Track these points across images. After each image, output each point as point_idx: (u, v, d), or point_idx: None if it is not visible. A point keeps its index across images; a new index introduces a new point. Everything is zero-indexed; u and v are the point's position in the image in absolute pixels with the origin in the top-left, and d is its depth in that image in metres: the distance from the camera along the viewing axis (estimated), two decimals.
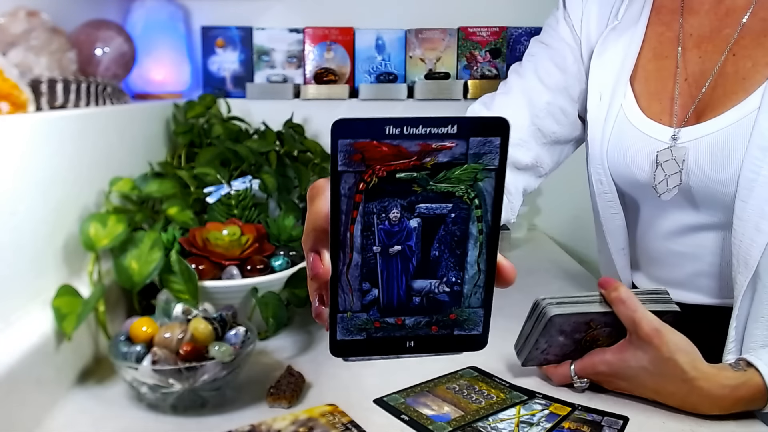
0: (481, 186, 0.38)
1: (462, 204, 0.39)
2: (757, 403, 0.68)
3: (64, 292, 0.77)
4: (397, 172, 0.38)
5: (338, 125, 0.36)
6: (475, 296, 0.41)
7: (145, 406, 0.74)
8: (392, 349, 0.41)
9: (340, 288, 0.40)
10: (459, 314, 0.41)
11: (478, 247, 0.40)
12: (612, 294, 0.72)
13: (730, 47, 0.79)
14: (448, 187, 0.38)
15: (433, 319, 0.41)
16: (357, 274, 0.40)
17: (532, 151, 0.92)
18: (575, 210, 1.41)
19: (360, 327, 0.41)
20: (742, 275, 0.75)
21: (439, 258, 0.40)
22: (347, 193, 0.38)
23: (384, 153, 0.37)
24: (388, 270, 0.40)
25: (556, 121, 0.93)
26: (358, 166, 0.37)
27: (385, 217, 0.39)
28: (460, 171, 0.38)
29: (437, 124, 0.37)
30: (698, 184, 0.79)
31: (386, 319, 0.41)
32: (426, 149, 0.37)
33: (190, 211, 0.99)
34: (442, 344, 0.42)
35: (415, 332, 0.41)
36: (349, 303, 0.40)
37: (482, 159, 0.38)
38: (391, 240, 0.39)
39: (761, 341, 0.76)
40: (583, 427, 0.69)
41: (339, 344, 0.41)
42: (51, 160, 0.79)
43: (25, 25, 0.86)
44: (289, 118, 1.45)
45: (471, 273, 0.40)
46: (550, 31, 0.96)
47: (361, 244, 0.39)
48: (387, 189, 0.38)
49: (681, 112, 0.82)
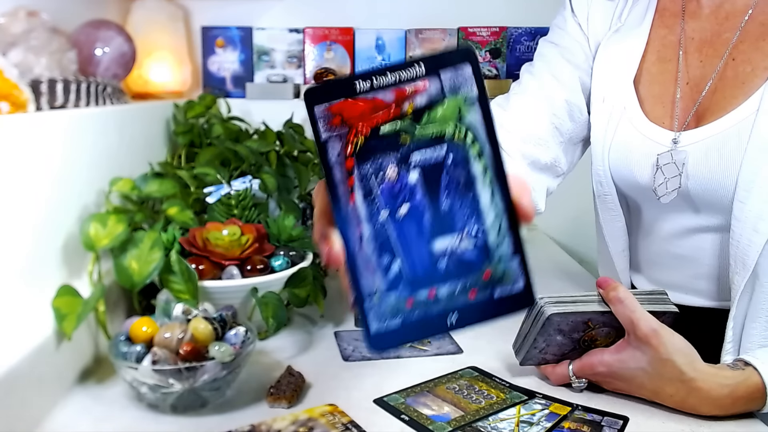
0: (468, 120, 0.37)
1: (456, 144, 0.37)
2: (756, 403, 0.68)
3: (64, 292, 0.77)
4: (380, 126, 0.37)
5: (310, 93, 0.36)
6: (504, 245, 0.38)
7: (145, 406, 0.74)
8: (434, 328, 0.38)
9: (360, 269, 0.37)
10: (494, 269, 0.38)
11: (488, 187, 0.37)
12: (610, 294, 0.72)
13: (729, 51, 0.80)
14: (436, 129, 0.37)
15: (467, 283, 0.38)
16: (373, 246, 0.37)
17: (551, 150, 0.91)
18: (575, 210, 1.41)
19: (392, 310, 0.37)
20: (739, 276, 0.76)
21: (451, 209, 0.37)
22: (337, 159, 0.37)
23: (362, 108, 0.36)
24: (403, 234, 0.37)
25: (573, 119, 0.92)
26: (340, 129, 0.36)
27: (383, 177, 0.37)
28: (442, 109, 0.37)
29: (404, 66, 0.36)
30: (698, 187, 0.79)
31: (418, 294, 0.37)
32: (402, 95, 0.37)
33: (190, 211, 0.99)
34: (486, 311, 0.38)
35: (453, 304, 0.37)
36: (373, 284, 0.37)
37: (459, 91, 0.37)
38: (396, 200, 0.37)
39: (759, 342, 0.76)
40: (583, 427, 0.69)
41: (376, 336, 0.37)
42: (51, 160, 0.79)
43: (25, 25, 0.86)
44: (289, 118, 1.45)
45: (491, 218, 0.38)
46: (558, 31, 0.95)
47: (367, 213, 0.37)
48: (376, 146, 0.37)
49: (682, 115, 0.82)
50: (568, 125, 0.92)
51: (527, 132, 0.90)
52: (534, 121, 0.91)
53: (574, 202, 1.28)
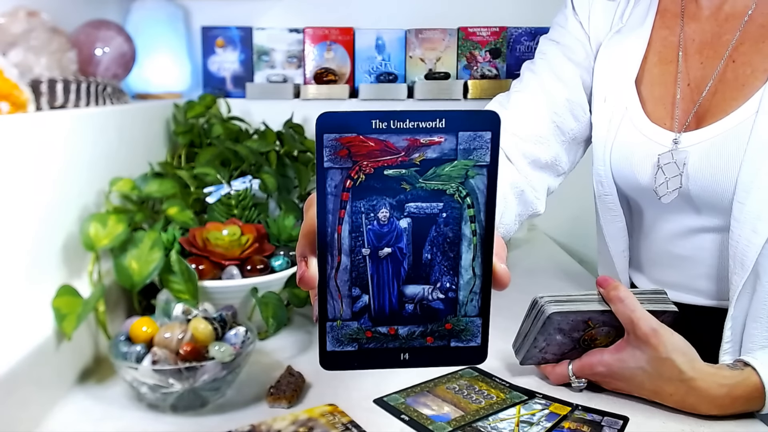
0: (472, 183, 0.37)
1: (453, 203, 0.37)
2: (755, 403, 0.68)
3: (64, 292, 0.77)
4: (384, 169, 0.36)
5: (323, 119, 0.35)
6: (471, 304, 0.39)
7: (145, 406, 0.74)
8: (385, 361, 0.39)
9: (329, 294, 0.38)
10: (455, 323, 0.39)
11: (472, 249, 0.38)
12: (611, 293, 0.72)
13: (729, 53, 0.80)
14: (438, 185, 0.37)
15: (428, 329, 0.39)
16: (346, 278, 0.38)
17: (552, 149, 0.91)
18: (575, 210, 1.41)
19: (351, 337, 0.39)
20: (738, 276, 0.76)
21: (431, 261, 0.38)
22: (333, 191, 0.37)
23: (371, 148, 0.36)
24: (378, 274, 0.38)
25: (575, 118, 0.92)
26: (345, 162, 0.36)
27: (373, 217, 0.37)
28: (450, 167, 0.37)
29: (425, 118, 0.36)
30: (698, 187, 0.79)
31: (378, 328, 0.39)
32: (414, 144, 0.36)
33: (190, 211, 0.99)
34: (439, 357, 0.40)
35: (410, 343, 0.39)
36: (338, 310, 0.38)
37: (473, 155, 0.37)
38: (380, 242, 0.38)
39: (760, 342, 0.76)
40: (583, 426, 0.69)
41: (329, 356, 0.39)
42: (51, 160, 0.80)
43: (25, 25, 0.86)
44: (289, 118, 1.45)
45: (466, 278, 0.39)
46: (559, 29, 0.95)
47: (349, 246, 0.37)
48: (375, 187, 0.37)
49: (682, 116, 0.82)
50: (571, 124, 0.92)
51: (527, 130, 0.90)
52: (534, 119, 0.90)
53: (574, 202, 1.28)
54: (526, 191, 0.89)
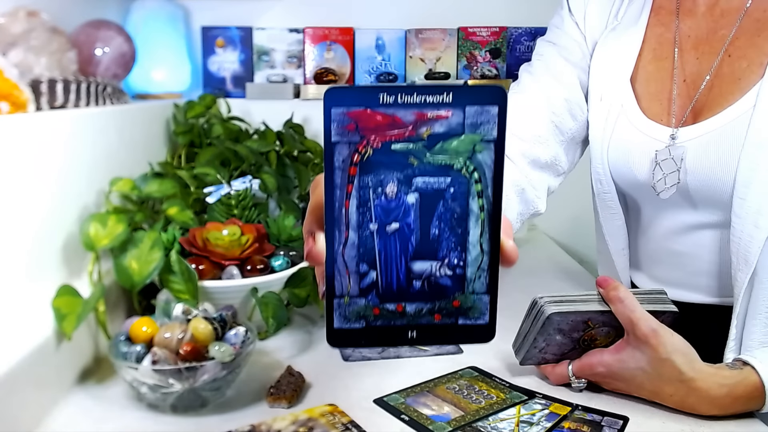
0: (479, 158, 0.37)
1: (461, 178, 0.37)
2: (755, 402, 0.68)
3: (64, 292, 0.77)
4: (392, 143, 0.36)
5: (331, 93, 0.35)
6: (479, 281, 0.39)
7: (145, 406, 0.74)
8: (393, 339, 0.39)
9: (337, 270, 0.38)
10: (463, 301, 0.39)
11: (479, 225, 0.38)
12: (611, 293, 0.72)
13: (725, 48, 0.80)
14: (446, 159, 0.37)
15: (435, 306, 0.39)
16: (354, 254, 0.38)
17: (551, 149, 0.91)
18: (575, 210, 1.41)
19: (358, 314, 0.38)
20: (742, 272, 0.76)
21: (439, 237, 0.38)
22: (341, 165, 0.36)
23: (378, 122, 0.36)
24: (386, 250, 0.38)
25: (574, 118, 0.92)
26: (352, 136, 0.36)
27: (381, 192, 0.37)
28: (457, 142, 0.37)
29: (432, 92, 0.36)
30: (696, 182, 0.79)
31: (386, 305, 0.38)
32: (422, 119, 0.36)
33: (190, 211, 0.99)
34: (446, 334, 0.39)
35: (417, 321, 0.39)
36: (346, 287, 0.38)
37: (479, 129, 0.37)
38: (388, 217, 0.38)
39: (759, 339, 0.76)
40: (583, 426, 0.69)
41: (336, 333, 0.39)
42: (51, 160, 0.80)
43: (25, 25, 0.86)
44: (289, 118, 1.45)
45: (474, 254, 0.38)
46: (556, 30, 0.96)
47: (357, 221, 0.37)
48: (382, 161, 0.37)
49: (679, 112, 0.82)
50: (570, 124, 0.92)
51: (527, 130, 0.90)
52: (533, 120, 0.91)
53: (574, 202, 1.28)
54: (527, 190, 0.89)
